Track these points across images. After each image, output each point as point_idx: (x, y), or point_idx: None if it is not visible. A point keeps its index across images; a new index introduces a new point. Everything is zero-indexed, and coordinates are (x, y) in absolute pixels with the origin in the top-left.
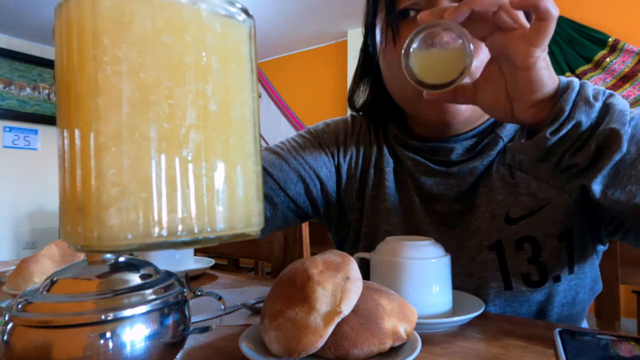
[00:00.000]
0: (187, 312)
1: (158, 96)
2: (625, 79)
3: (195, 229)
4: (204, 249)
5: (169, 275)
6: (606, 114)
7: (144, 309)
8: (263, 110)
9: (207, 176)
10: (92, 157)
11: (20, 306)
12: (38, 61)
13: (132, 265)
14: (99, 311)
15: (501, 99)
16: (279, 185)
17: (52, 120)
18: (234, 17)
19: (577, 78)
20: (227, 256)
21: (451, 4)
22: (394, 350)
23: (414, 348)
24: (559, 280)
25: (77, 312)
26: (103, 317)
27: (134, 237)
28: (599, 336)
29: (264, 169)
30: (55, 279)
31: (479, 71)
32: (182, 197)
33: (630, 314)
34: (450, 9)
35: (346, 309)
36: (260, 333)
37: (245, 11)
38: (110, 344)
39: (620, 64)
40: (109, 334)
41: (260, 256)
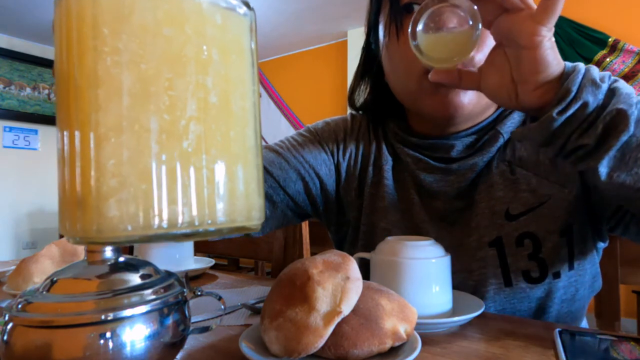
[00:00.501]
0: (187, 312)
1: (158, 88)
2: (625, 79)
3: (195, 221)
4: (204, 248)
5: (169, 275)
6: (612, 96)
7: (144, 309)
8: (263, 110)
9: (207, 168)
10: (91, 149)
11: (20, 306)
12: (38, 61)
13: (132, 265)
14: (99, 311)
15: (506, 83)
16: (278, 184)
17: (52, 120)
18: (235, 10)
19: None
20: (227, 256)
21: None
22: (394, 350)
23: (414, 348)
24: (558, 276)
25: (77, 312)
26: (103, 317)
27: (134, 228)
28: (599, 336)
29: (263, 167)
30: (55, 279)
31: (484, 58)
32: (182, 189)
33: (630, 314)
34: None
35: (346, 309)
36: (260, 333)
37: (246, 4)
38: (110, 344)
39: (620, 64)
40: (109, 334)
41: (260, 256)
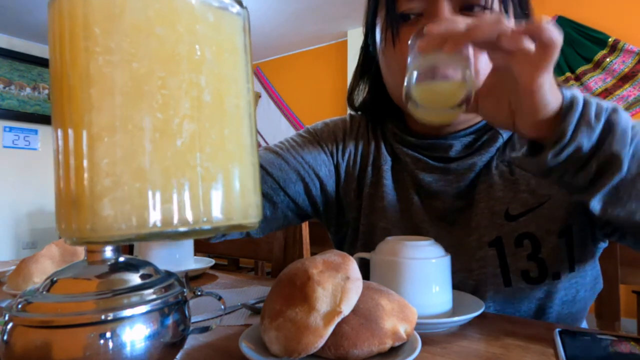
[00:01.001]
0: (187, 312)
1: (151, 86)
2: (625, 79)
3: (190, 220)
4: (204, 249)
5: (169, 275)
6: (608, 134)
7: (144, 309)
8: (263, 110)
9: (201, 166)
10: (85, 148)
11: (20, 306)
12: (38, 61)
13: (132, 265)
14: (99, 311)
15: (503, 111)
16: (278, 185)
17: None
18: (227, 9)
19: (578, 78)
20: (227, 256)
21: (453, 15)
22: (394, 350)
23: (414, 348)
24: (558, 277)
25: (77, 312)
26: (103, 317)
27: (129, 227)
28: (599, 336)
29: (263, 168)
30: (55, 279)
31: (481, 80)
32: (177, 188)
33: (630, 314)
34: (449, 44)
35: (346, 309)
36: (260, 333)
37: (238, 2)
38: (110, 344)
39: (620, 64)
40: (109, 334)
41: (260, 256)
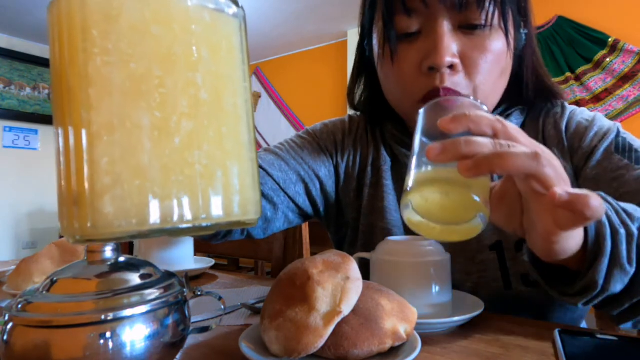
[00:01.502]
0: (187, 312)
1: (149, 86)
2: (625, 79)
3: (190, 216)
4: (204, 248)
5: (169, 275)
6: None
7: (144, 309)
8: (263, 110)
9: (200, 163)
10: (85, 147)
11: (20, 306)
12: (38, 61)
13: (132, 265)
14: (98, 311)
15: (515, 225)
16: (278, 185)
17: (52, 120)
18: (224, 10)
19: (578, 78)
20: (227, 256)
21: (451, 32)
22: (394, 350)
23: (414, 348)
24: None
25: (77, 312)
26: (103, 317)
27: (129, 224)
28: (599, 336)
29: (263, 169)
30: (55, 279)
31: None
32: (176, 185)
33: None
34: (471, 170)
35: (346, 309)
36: (260, 333)
37: (234, 1)
38: (110, 344)
39: (620, 64)
40: (109, 334)
41: (260, 256)
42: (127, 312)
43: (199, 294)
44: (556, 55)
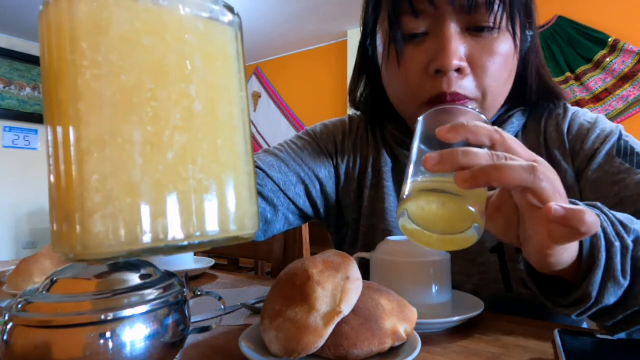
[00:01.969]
0: (187, 312)
1: (141, 99)
2: (625, 79)
3: (183, 234)
4: None
5: (169, 275)
6: (636, 281)
7: (144, 309)
8: (263, 110)
9: (194, 178)
10: (74, 164)
11: (20, 306)
12: (38, 61)
13: (132, 265)
14: (98, 311)
15: (512, 236)
16: (278, 187)
17: None
18: (218, 19)
19: (578, 78)
20: (227, 256)
21: (459, 34)
22: (394, 350)
23: (414, 348)
24: None
25: (77, 312)
26: (103, 317)
27: (120, 244)
28: (599, 336)
29: (263, 171)
30: (55, 279)
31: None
32: (169, 202)
33: None
34: (468, 182)
35: (346, 309)
36: (260, 333)
37: (229, 9)
38: (110, 344)
39: (620, 64)
40: (109, 334)
41: (260, 256)
42: (127, 312)
43: (199, 294)
44: (556, 55)
